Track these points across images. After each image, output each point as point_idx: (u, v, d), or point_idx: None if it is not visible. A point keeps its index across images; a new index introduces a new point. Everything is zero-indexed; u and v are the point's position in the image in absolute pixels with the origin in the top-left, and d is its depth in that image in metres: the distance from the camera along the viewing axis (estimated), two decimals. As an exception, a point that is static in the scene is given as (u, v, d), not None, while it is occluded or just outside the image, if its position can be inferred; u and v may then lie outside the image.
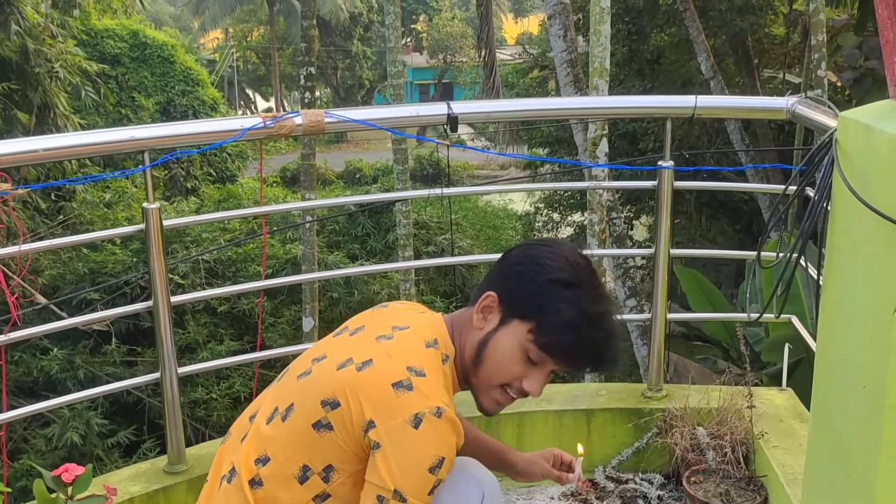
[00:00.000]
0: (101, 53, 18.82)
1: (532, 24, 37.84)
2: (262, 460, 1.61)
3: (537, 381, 1.70)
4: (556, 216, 17.96)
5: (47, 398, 3.35)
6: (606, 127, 7.09)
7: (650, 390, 2.91)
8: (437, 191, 2.64)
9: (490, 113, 2.70)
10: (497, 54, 13.50)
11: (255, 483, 1.60)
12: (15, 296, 2.23)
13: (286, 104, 39.58)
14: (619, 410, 2.85)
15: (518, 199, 20.53)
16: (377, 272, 11.71)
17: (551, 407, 2.86)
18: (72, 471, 1.96)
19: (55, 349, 11.54)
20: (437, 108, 2.49)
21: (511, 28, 42.40)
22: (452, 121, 2.46)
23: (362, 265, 13.02)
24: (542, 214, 18.41)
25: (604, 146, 7.01)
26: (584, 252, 1.76)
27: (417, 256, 10.78)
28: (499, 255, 1.80)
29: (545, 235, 18.22)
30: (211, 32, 39.62)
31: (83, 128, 15.03)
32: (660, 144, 13.02)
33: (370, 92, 39.52)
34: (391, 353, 1.60)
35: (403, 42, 34.18)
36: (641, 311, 8.69)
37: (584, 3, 13.98)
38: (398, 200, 8.15)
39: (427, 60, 38.94)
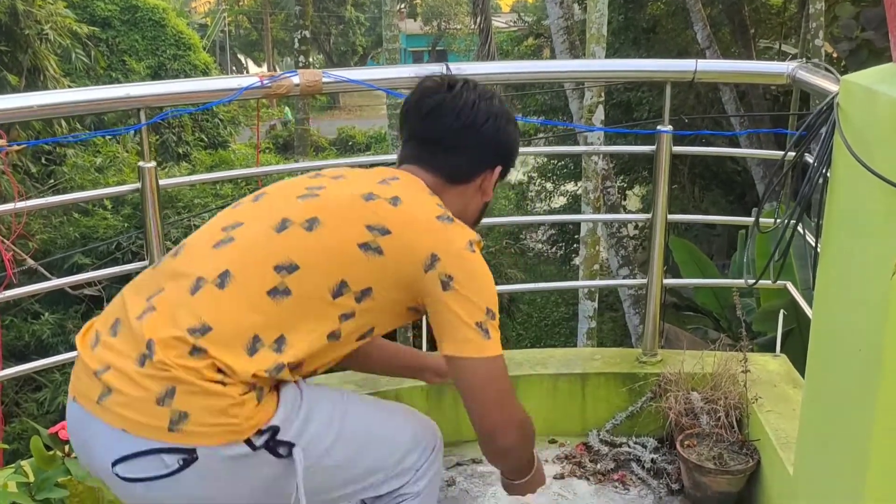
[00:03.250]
0: (91, 16, 18.62)
1: (528, -9, 37.51)
2: (287, 268, 1.53)
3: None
4: (549, 185, 17.95)
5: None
6: (602, 94, 7.08)
7: (645, 355, 2.93)
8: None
9: (489, 74, 2.66)
10: (492, 21, 13.40)
11: (278, 292, 1.51)
12: (11, 253, 2.22)
13: (278, 70, 39.11)
14: (613, 375, 2.87)
15: (511, 168, 20.46)
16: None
17: (546, 371, 2.88)
18: (68, 428, 1.97)
19: (46, 314, 11.51)
20: (436, 69, 2.46)
21: (506, -5, 42.06)
22: (451, 82, 2.44)
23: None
24: (534, 184, 18.40)
25: (599, 113, 7.00)
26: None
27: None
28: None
29: (538, 205, 18.23)
30: (203, -4, 39.22)
31: (74, 91, 14.89)
32: (654, 114, 12.99)
33: (363, 59, 39.18)
34: (409, 191, 1.64)
35: (398, 8, 33.93)
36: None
37: (580, -30, 13.88)
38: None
39: (421, 27, 38.61)
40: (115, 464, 1.45)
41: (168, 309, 1.50)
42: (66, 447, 1.94)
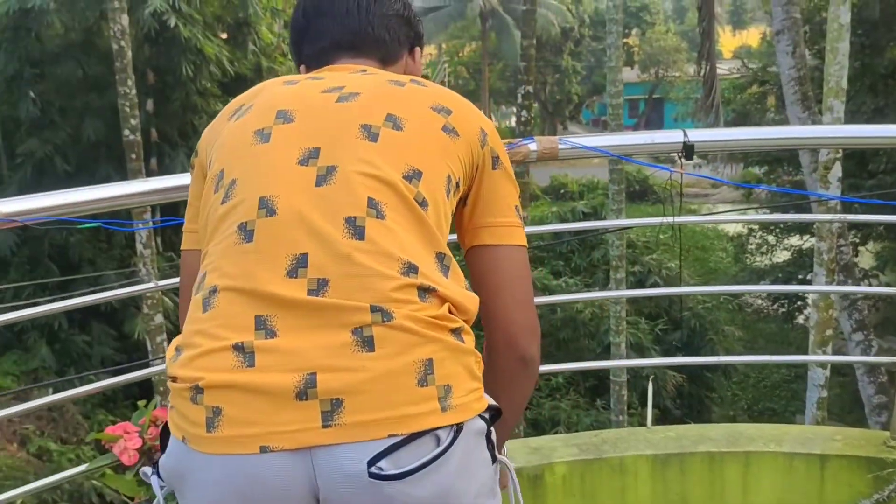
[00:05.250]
0: (325, 70, 19.94)
1: (751, 36, 36.23)
2: (414, 175, 1.24)
3: None
4: (771, 238, 17.11)
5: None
6: (840, 150, 6.67)
7: (893, 439, 2.70)
8: (669, 219, 2.58)
9: (729, 141, 2.60)
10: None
11: (421, 204, 1.23)
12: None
13: (494, 119, 40.25)
14: (856, 458, 2.66)
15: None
16: (596, 300, 11.60)
17: (780, 449, 2.72)
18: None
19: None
20: (672, 136, 2.43)
21: (728, 41, 40.78)
22: (688, 149, 2.39)
23: (567, 284, 13.03)
24: (755, 237, 17.61)
25: (836, 170, 6.57)
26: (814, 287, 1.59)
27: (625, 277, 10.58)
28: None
29: (758, 259, 17.42)
30: (425, 48, 40.95)
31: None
32: (892, 166, 12.09)
33: (578, 107, 39.38)
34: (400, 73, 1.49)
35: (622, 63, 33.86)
36: (869, 346, 8.11)
37: (811, 15, 13.26)
38: (626, 228, 8.06)
39: (638, 75, 38.29)
40: (374, 461, 1.08)
41: (347, 268, 1.14)
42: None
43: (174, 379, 1.15)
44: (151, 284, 2.38)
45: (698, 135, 2.43)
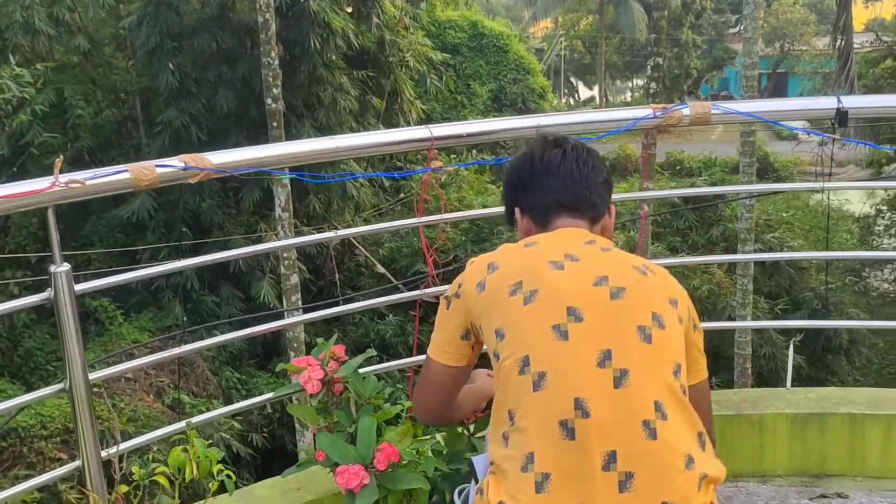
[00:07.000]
0: (443, 43, 20.08)
1: (886, 8, 34.45)
2: (678, 370, 1.59)
3: None
4: (901, 219, 16.44)
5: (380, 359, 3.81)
6: None
7: None
8: (819, 185, 2.63)
9: (889, 108, 2.62)
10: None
11: (684, 393, 1.58)
12: (432, 258, 2.58)
13: (608, 93, 39.73)
14: None
15: (855, 199, 19.03)
16: (716, 262, 11.53)
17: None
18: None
19: (390, 315, 12.68)
20: (826, 102, 2.47)
21: (860, 13, 38.79)
22: (842, 116, 2.44)
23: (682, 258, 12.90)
24: (883, 217, 16.95)
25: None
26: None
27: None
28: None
29: (886, 241, 16.77)
30: (541, 22, 40.62)
31: (425, 113, 16.30)
32: None
33: (696, 82, 38.40)
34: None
35: (737, 30, 32.92)
36: None
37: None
38: (773, 193, 7.96)
39: (761, 49, 36.99)
40: None
41: (648, 463, 1.49)
42: (472, 427, 2.22)
43: None
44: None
45: (853, 101, 2.46)
